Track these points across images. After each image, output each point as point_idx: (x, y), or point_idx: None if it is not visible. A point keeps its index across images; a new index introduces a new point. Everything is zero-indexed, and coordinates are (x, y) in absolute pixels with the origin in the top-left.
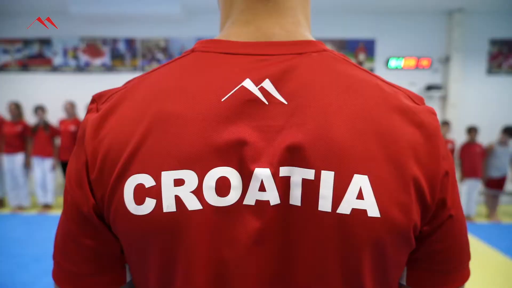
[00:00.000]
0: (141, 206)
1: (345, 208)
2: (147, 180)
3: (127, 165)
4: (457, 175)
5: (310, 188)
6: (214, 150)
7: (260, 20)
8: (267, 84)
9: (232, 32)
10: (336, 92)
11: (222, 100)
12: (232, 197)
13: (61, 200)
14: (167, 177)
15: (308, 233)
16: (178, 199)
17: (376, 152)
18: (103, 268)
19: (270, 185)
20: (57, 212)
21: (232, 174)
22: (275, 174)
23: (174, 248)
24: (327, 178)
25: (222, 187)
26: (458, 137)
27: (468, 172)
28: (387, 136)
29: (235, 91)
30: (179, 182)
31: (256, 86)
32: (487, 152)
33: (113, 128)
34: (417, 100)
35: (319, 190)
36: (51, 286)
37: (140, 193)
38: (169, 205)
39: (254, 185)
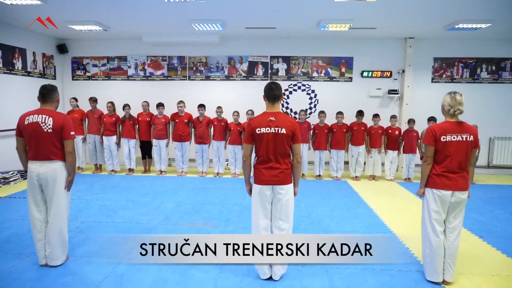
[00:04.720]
0: (258, 131)
1: (282, 131)
2: (259, 129)
3: (255, 128)
4: (400, 151)
5: (279, 130)
6: (266, 126)
7: (272, 108)
8: (272, 117)
9: (267, 110)
10: (282, 118)
11: (267, 120)
12: (269, 131)
13: (139, 167)
14: (260, 128)
15: (278, 136)
16: (263, 131)
17: (286, 126)
18: (252, 140)
19: (273, 129)
20: (138, 174)
21: (269, 128)
22: (274, 129)
23: (262, 139)
24: (281, 130)
25: (268, 129)
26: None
27: (407, 150)
28: (288, 124)
29: (269, 119)
30: (263, 129)
31: (272, 118)
32: (421, 136)
33: (254, 123)
34: (295, 120)
35: (279, 130)
36: (157, 204)
37: (258, 130)
38: (261, 131)
39: (272, 129)
